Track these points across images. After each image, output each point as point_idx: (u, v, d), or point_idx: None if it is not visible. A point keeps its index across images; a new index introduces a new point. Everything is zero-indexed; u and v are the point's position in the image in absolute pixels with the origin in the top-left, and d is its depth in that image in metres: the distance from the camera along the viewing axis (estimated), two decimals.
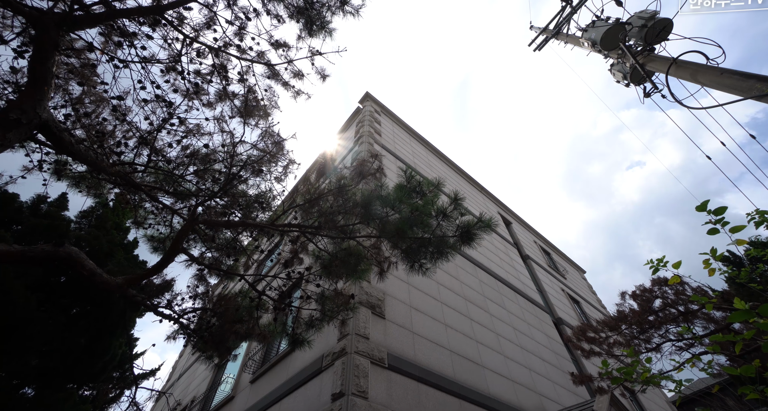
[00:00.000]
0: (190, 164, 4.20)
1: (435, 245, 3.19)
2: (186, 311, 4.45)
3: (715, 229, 1.99)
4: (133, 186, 3.82)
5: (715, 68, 3.77)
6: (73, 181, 3.45)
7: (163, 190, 4.14)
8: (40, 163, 2.89)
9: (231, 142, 4.15)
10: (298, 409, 4.93)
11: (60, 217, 4.71)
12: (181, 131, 4.13)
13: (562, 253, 19.83)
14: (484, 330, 7.63)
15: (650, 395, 12.60)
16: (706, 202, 1.98)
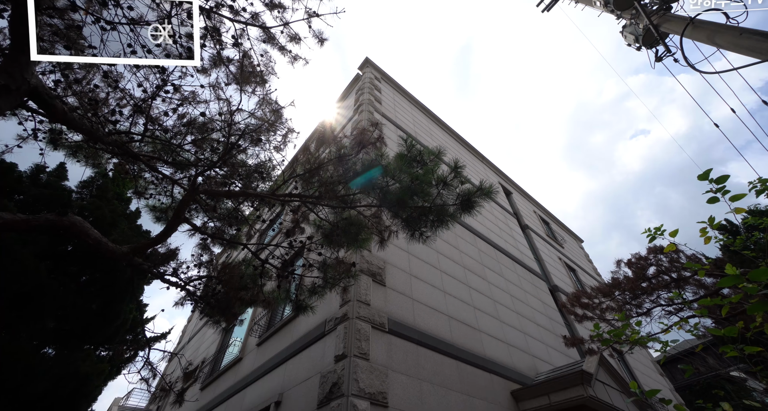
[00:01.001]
0: (188, 133, 4.14)
1: (435, 214, 3.22)
2: (192, 279, 4.57)
3: (715, 198, 1.98)
4: (132, 156, 3.79)
5: (735, 28, 3.59)
6: (70, 151, 3.41)
7: (162, 159, 4.11)
8: (34, 132, 2.85)
9: (228, 111, 4.05)
10: (303, 370, 5.21)
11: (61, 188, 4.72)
12: (177, 99, 4.02)
13: (561, 223, 20.02)
14: (481, 297, 7.88)
15: (636, 356, 13.26)
16: (708, 171, 1.97)
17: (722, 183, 1.94)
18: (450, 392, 5.18)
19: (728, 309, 1.86)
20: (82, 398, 4.67)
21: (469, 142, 16.55)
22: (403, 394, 4.57)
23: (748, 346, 1.66)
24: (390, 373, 4.64)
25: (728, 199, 1.90)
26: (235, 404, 6.63)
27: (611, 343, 2.44)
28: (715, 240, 2.16)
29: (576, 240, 20.61)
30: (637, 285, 6.02)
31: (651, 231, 2.51)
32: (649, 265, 6.07)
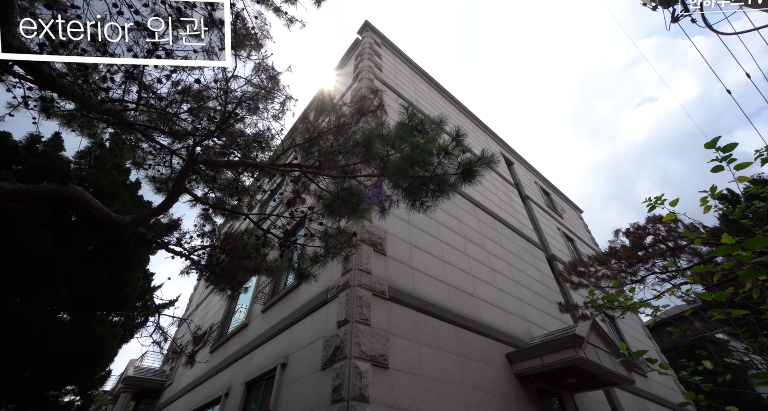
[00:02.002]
0: (183, 102, 4.03)
1: (436, 183, 3.21)
2: (195, 248, 4.66)
3: (719, 166, 1.96)
4: (127, 125, 3.72)
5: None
6: (63, 120, 3.34)
7: (159, 129, 4.03)
8: (24, 100, 2.77)
9: (224, 77, 3.92)
10: (307, 334, 5.44)
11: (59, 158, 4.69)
12: (170, 65, 3.88)
13: (562, 194, 20.02)
14: (480, 266, 8.06)
15: (627, 321, 13.78)
16: (716, 139, 1.93)
17: (729, 151, 1.91)
18: (447, 355, 5.44)
19: (720, 276, 1.90)
20: (101, 358, 4.95)
21: (471, 111, 16.15)
22: (402, 356, 4.80)
23: (735, 310, 1.71)
24: (390, 337, 4.85)
25: (733, 167, 1.88)
26: (244, 366, 7.01)
27: (604, 309, 2.52)
28: (715, 209, 2.17)
29: (575, 210, 20.71)
30: (634, 254, 6.13)
31: (651, 200, 2.51)
32: (646, 234, 6.14)
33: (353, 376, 4.07)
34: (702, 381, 1.99)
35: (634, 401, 9.44)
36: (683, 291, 2.47)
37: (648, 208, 2.50)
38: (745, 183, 2.02)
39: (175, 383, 12.08)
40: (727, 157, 1.92)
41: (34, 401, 5.53)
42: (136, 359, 15.16)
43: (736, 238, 1.53)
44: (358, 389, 4.00)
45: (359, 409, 3.87)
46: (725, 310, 1.78)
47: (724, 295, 1.59)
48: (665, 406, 10.85)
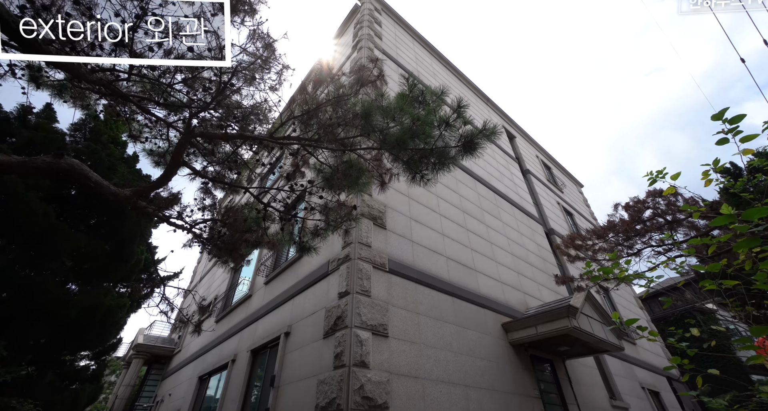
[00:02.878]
0: (177, 71, 3.90)
1: (437, 156, 3.18)
2: (197, 222, 4.69)
3: (725, 139, 1.93)
4: (120, 96, 3.62)
5: None
6: (54, 91, 3.25)
7: (153, 100, 3.94)
8: (11, 68, 2.67)
9: (218, 45, 3.77)
10: (309, 305, 5.61)
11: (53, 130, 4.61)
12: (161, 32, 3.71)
13: (563, 168, 19.90)
14: (479, 239, 8.15)
15: (621, 292, 14.16)
16: (723, 111, 1.88)
17: (736, 123, 1.86)
18: (445, 324, 5.63)
19: (715, 248, 1.93)
20: (111, 326, 5.15)
21: (473, 82, 15.70)
22: (401, 325, 4.98)
23: (727, 280, 1.75)
24: (390, 308, 5.00)
25: (738, 140, 1.84)
26: (249, 334, 7.28)
27: (600, 280, 2.58)
28: (716, 183, 2.16)
29: (576, 185, 20.67)
30: (632, 227, 6.18)
31: (653, 174, 2.49)
32: (646, 208, 6.16)
33: (354, 344, 4.24)
34: (688, 347, 2.07)
35: (622, 366, 9.89)
36: (677, 263, 2.51)
37: (649, 182, 2.49)
38: (749, 156, 2.00)
39: (184, 350, 12.61)
40: (733, 129, 1.88)
41: (51, 364, 5.85)
42: (144, 328, 15.73)
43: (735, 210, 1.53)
44: (359, 356, 4.18)
45: (360, 374, 4.06)
46: (717, 281, 1.82)
47: (718, 266, 1.62)
48: (651, 371, 11.40)
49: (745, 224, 1.49)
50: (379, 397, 4.05)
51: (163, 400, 11.59)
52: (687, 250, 2.29)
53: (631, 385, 9.70)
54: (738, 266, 1.79)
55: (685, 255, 2.89)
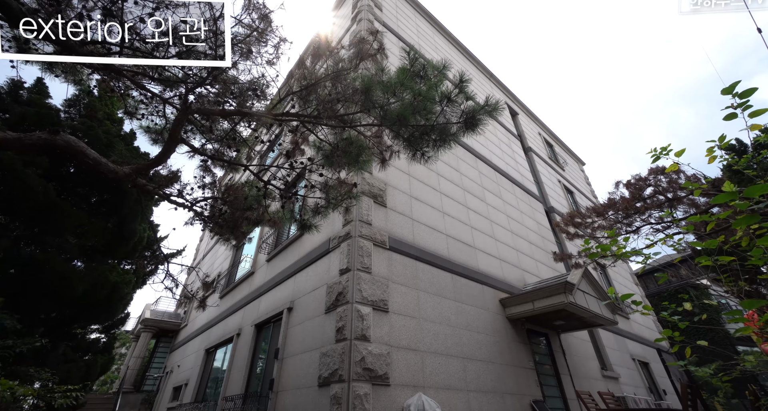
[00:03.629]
0: (170, 45, 3.77)
1: (438, 133, 3.13)
2: (197, 200, 4.69)
3: (733, 114, 1.89)
4: (114, 71, 3.52)
5: None
6: (45, 65, 3.15)
7: (148, 76, 3.83)
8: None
9: (212, 17, 3.62)
10: (310, 282, 5.72)
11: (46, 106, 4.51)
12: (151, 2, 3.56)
13: (565, 145, 19.69)
14: (479, 217, 8.20)
15: (617, 269, 14.40)
16: (734, 84, 1.83)
17: (747, 97, 1.81)
18: (444, 300, 5.77)
19: (714, 225, 1.94)
20: (117, 302, 5.28)
21: (476, 57, 15.22)
22: (401, 301, 5.10)
23: (723, 256, 1.77)
24: (390, 284, 5.10)
25: (747, 115, 1.80)
26: (253, 310, 7.47)
27: (597, 257, 2.61)
28: (720, 159, 2.14)
29: (578, 162, 20.52)
30: (632, 205, 6.19)
31: (656, 151, 2.46)
32: (647, 185, 6.14)
33: (355, 319, 4.36)
34: (680, 320, 2.13)
35: (614, 339, 10.23)
36: (675, 240, 2.54)
37: (652, 159, 2.46)
38: (756, 132, 1.97)
39: (190, 325, 13.00)
40: (743, 103, 1.84)
41: (63, 337, 6.07)
42: (151, 303, 16.15)
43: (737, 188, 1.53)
44: (359, 330, 4.31)
45: (361, 347, 4.20)
46: (713, 257, 1.85)
47: (715, 242, 1.64)
48: (642, 343, 11.79)
49: (745, 201, 1.49)
50: (380, 368, 4.22)
51: (172, 370, 12.08)
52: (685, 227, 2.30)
53: (622, 357, 10.07)
54: (735, 243, 1.81)
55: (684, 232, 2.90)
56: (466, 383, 5.15)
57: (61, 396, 5.64)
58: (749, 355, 2.88)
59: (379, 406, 4.02)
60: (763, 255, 1.53)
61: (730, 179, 5.68)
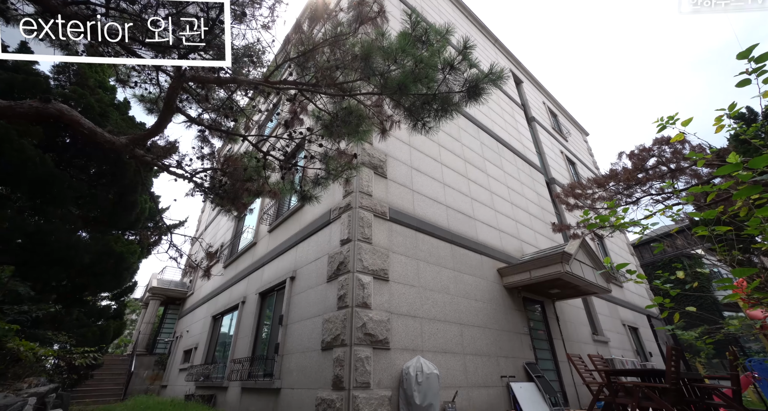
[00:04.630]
0: (159, 6, 3.58)
1: (440, 102, 3.05)
2: (197, 171, 4.67)
3: (747, 80, 1.82)
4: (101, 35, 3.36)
5: None
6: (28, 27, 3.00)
7: (138, 40, 3.67)
8: None
9: None
10: (312, 252, 5.82)
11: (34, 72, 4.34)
12: None
13: (569, 115, 19.25)
14: (479, 188, 8.19)
15: (614, 239, 14.61)
16: (751, 48, 1.74)
17: (763, 62, 1.74)
18: (443, 269, 5.90)
19: (714, 196, 1.94)
20: (125, 271, 5.42)
21: (481, 21, 14.48)
22: (401, 270, 5.22)
23: (720, 226, 1.79)
24: (390, 254, 5.20)
25: (762, 80, 1.74)
26: (256, 279, 7.67)
27: (596, 228, 2.64)
28: (728, 129, 2.09)
29: (581, 133, 20.17)
30: (634, 176, 6.15)
31: (663, 120, 2.40)
32: (650, 156, 6.06)
33: (356, 287, 4.49)
34: (672, 288, 2.20)
35: (607, 306, 10.59)
36: (674, 211, 2.55)
37: (658, 128, 2.41)
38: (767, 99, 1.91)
39: (196, 293, 13.42)
40: (758, 69, 1.77)
41: (76, 304, 6.32)
42: (157, 273, 16.57)
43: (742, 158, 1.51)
44: (361, 298, 4.45)
45: (362, 314, 4.37)
46: (710, 228, 1.87)
47: (714, 213, 1.65)
48: (633, 310, 12.23)
49: (749, 172, 1.48)
50: (380, 333, 4.40)
51: (182, 335, 12.63)
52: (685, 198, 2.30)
53: (614, 323, 10.48)
54: (733, 213, 1.82)
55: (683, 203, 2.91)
56: (462, 347, 5.40)
57: (79, 356, 5.99)
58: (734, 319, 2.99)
59: (379, 368, 4.24)
60: (760, 225, 1.55)
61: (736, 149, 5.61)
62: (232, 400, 6.41)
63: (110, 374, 12.41)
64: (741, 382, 4.20)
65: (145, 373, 13.21)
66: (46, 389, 3.84)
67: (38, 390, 3.66)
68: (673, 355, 3.56)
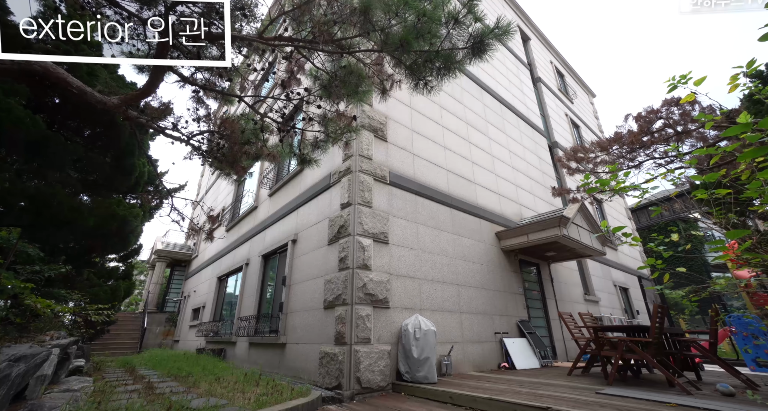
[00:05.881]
0: None
1: (442, 59, 2.91)
2: (193, 134, 4.58)
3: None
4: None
5: None
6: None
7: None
8: None
9: None
10: (313, 215, 5.88)
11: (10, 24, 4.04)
12: None
13: (576, 75, 18.49)
14: (481, 152, 8.09)
15: (613, 204, 14.72)
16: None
17: None
18: (442, 233, 6.01)
19: (718, 158, 1.92)
20: (129, 234, 5.53)
21: None
22: (401, 233, 5.31)
23: (719, 189, 1.79)
24: (390, 218, 5.26)
25: None
26: (259, 241, 7.83)
27: (596, 192, 2.64)
28: (743, 88, 2.00)
29: (588, 94, 19.51)
30: (638, 139, 6.03)
31: (674, 79, 2.30)
32: (657, 118, 5.89)
33: (357, 250, 4.60)
34: (665, 250, 2.25)
35: (600, 268, 10.93)
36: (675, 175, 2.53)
37: (669, 88, 2.31)
38: None
39: (201, 255, 13.76)
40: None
41: (85, 265, 6.53)
42: (161, 236, 16.89)
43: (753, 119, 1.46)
44: (361, 260, 4.58)
45: (363, 275, 4.51)
46: (710, 191, 1.87)
47: (716, 176, 1.64)
48: (626, 271, 12.63)
49: (757, 133, 1.45)
50: (380, 293, 4.58)
51: (189, 295, 13.16)
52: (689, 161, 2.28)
53: (605, 284, 10.88)
54: (735, 176, 1.81)
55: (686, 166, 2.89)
56: (459, 306, 5.65)
57: (94, 313, 6.30)
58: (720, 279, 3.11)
59: (379, 325, 4.47)
60: (760, 188, 1.55)
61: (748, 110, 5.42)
62: (241, 353, 6.83)
63: (125, 330, 13.11)
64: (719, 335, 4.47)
65: (158, 329, 13.97)
66: (67, 341, 4.08)
67: (60, 342, 3.89)
68: (659, 312, 3.74)
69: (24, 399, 2.91)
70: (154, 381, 4.63)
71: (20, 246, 4.40)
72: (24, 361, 2.68)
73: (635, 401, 3.03)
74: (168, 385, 4.29)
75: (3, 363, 2.48)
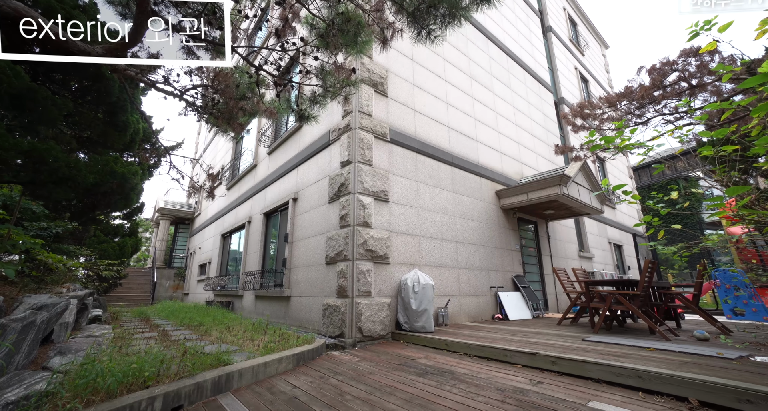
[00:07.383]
0: None
1: (447, 5, 2.70)
2: (186, 88, 4.40)
3: None
4: None
5: None
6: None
7: None
8: None
9: None
10: (313, 174, 5.85)
11: None
12: None
13: (591, 23, 17.31)
14: (484, 108, 7.83)
15: (615, 163, 14.58)
16: None
17: None
18: (442, 191, 6.01)
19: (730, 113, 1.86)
20: (131, 191, 5.54)
21: None
22: (401, 192, 5.32)
23: (726, 146, 1.75)
24: (391, 176, 5.24)
25: None
26: (260, 200, 7.88)
27: (600, 149, 2.60)
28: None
29: (601, 45, 18.41)
30: (649, 93, 5.77)
31: (697, 26, 2.12)
32: (672, 70, 5.58)
33: (357, 208, 4.64)
34: (663, 208, 2.27)
35: (597, 226, 11.12)
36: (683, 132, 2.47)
37: (690, 35, 2.14)
38: None
39: (203, 214, 13.94)
40: None
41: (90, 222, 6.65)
42: (162, 194, 16.98)
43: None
44: (361, 218, 4.64)
45: (363, 232, 4.60)
46: (716, 148, 1.83)
47: (725, 131, 1.59)
48: (621, 229, 12.88)
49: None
50: (380, 250, 4.71)
51: (195, 252, 13.55)
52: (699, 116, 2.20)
53: (600, 241, 11.14)
54: (745, 131, 1.75)
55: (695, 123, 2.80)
56: (457, 262, 5.84)
57: (105, 268, 6.54)
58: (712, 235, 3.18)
59: (379, 280, 4.65)
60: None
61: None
62: (248, 305, 7.20)
63: (137, 283, 13.70)
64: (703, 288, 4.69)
65: (168, 284, 14.59)
66: (83, 293, 4.29)
67: (77, 293, 4.08)
68: (649, 267, 3.88)
69: (51, 342, 3.15)
70: (169, 329, 4.93)
71: (24, 203, 4.43)
72: (46, 310, 2.84)
73: (617, 347, 3.25)
74: (182, 333, 4.58)
75: (27, 311, 2.63)
